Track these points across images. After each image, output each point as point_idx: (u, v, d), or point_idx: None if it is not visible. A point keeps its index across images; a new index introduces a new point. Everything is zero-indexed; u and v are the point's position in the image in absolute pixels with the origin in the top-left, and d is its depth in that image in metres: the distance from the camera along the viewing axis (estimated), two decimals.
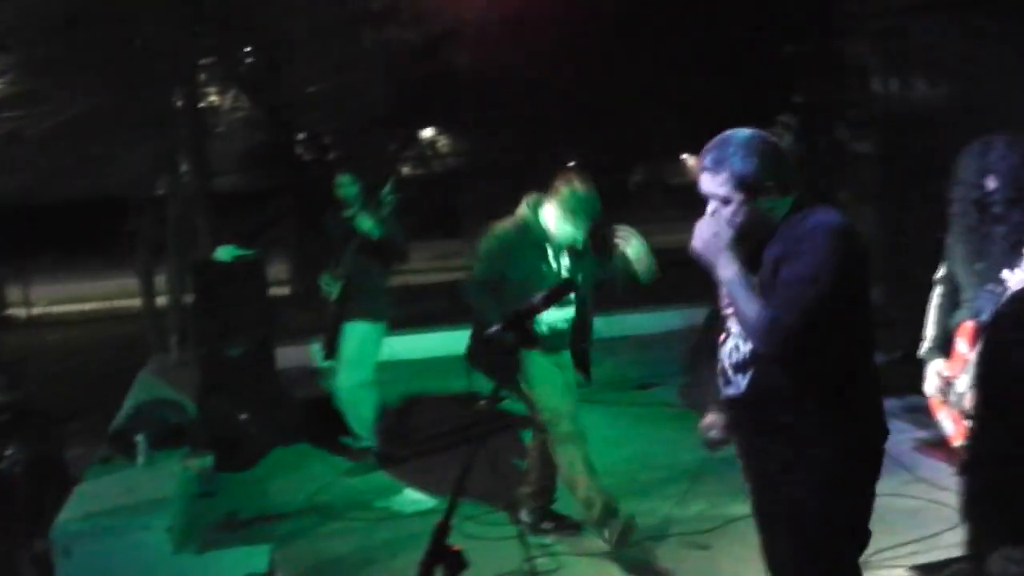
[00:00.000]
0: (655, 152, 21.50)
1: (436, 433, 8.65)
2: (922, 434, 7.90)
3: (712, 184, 3.64)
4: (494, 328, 3.69)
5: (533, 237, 6.23)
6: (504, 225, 6.31)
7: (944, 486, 6.71)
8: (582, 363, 6.57)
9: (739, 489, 4.11)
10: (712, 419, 3.99)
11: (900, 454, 7.59)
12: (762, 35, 13.95)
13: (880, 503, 6.56)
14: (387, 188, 7.77)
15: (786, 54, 14.58)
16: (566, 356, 6.45)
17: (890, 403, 8.69)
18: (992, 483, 3.05)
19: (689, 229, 3.66)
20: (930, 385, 5.77)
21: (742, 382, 3.66)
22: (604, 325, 7.08)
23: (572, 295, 6.16)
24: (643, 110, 15.71)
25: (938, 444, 7.48)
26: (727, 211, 3.59)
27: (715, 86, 13.41)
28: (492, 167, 16.02)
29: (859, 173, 13.18)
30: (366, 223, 7.69)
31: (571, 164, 16.25)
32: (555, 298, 3.78)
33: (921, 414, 8.15)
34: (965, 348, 5.51)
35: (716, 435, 4.00)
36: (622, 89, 15.22)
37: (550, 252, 6.26)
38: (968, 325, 5.48)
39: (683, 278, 7.39)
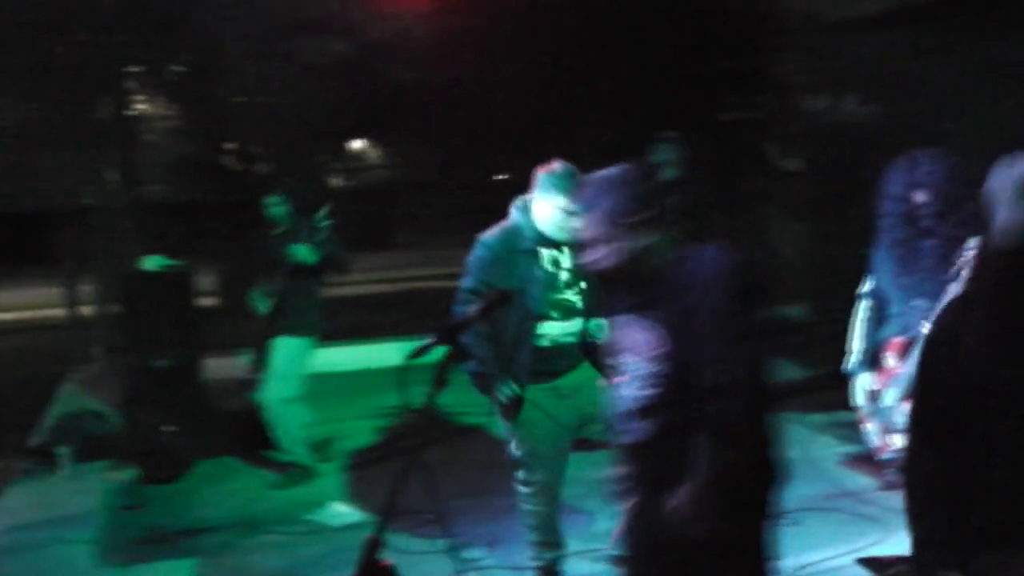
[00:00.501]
0: (585, 167, 21.57)
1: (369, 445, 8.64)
2: (848, 449, 7.97)
3: (582, 226, 3.59)
4: (427, 340, 3.67)
5: (525, 242, 5.60)
6: (492, 232, 5.67)
7: (870, 500, 6.79)
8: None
9: None
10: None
11: (826, 469, 7.66)
12: (692, 52, 14.03)
13: (806, 517, 6.68)
14: (322, 213, 7.74)
15: (715, 71, 14.69)
16: (572, 379, 5.67)
17: (817, 418, 8.87)
18: (930, 496, 3.07)
19: None
20: (857, 398, 5.83)
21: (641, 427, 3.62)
22: None
23: (578, 304, 5.58)
24: (571, 125, 15.76)
25: (864, 459, 7.55)
26: (600, 252, 3.53)
27: (643, 103, 13.46)
28: (423, 180, 16.04)
29: (787, 189, 13.30)
30: (300, 252, 7.69)
31: (502, 177, 16.33)
32: (492, 309, 3.76)
33: (847, 429, 8.25)
34: (893, 362, 5.57)
35: None
36: (551, 105, 15.26)
37: (546, 256, 5.60)
38: (896, 340, 5.54)
39: None
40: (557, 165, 5.59)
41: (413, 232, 20.68)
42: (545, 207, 5.53)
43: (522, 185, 5.75)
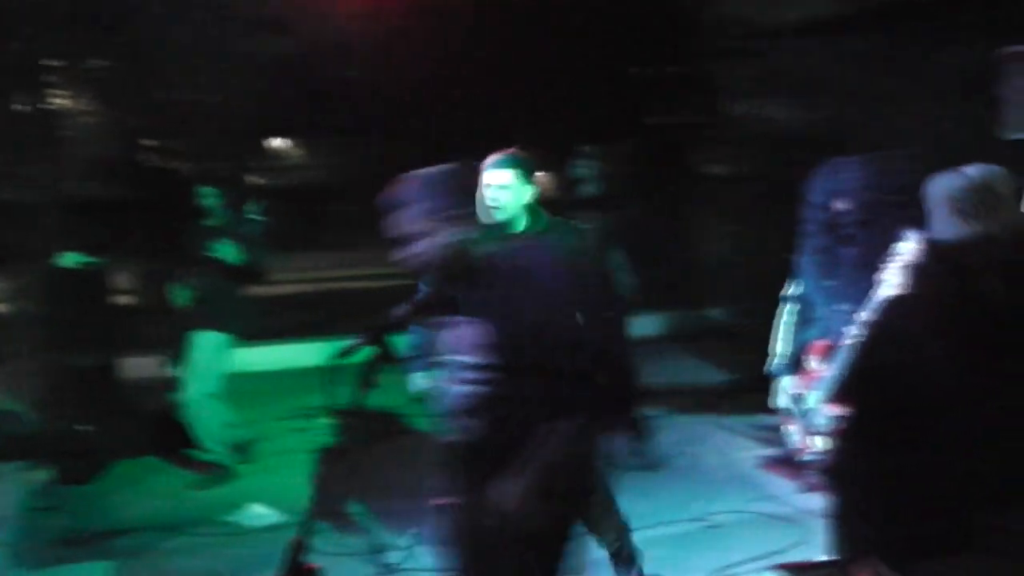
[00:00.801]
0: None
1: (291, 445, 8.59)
2: (768, 452, 8.05)
3: (402, 222, 3.64)
4: (354, 341, 3.65)
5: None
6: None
7: (789, 503, 6.85)
8: None
9: None
10: None
11: (746, 472, 7.73)
12: (623, 57, 14.11)
13: (726, 520, 6.75)
14: (255, 208, 7.70)
15: (646, 76, 14.77)
16: None
17: (737, 422, 8.95)
18: (864, 498, 3.11)
19: None
20: (779, 399, 5.88)
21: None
22: None
23: None
24: (500, 128, 15.79)
25: (783, 462, 7.64)
26: (420, 246, 3.57)
27: (571, 107, 13.51)
28: (356, 180, 15.96)
29: (714, 194, 13.40)
30: (227, 251, 7.65)
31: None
32: (425, 310, 3.74)
33: (767, 432, 8.34)
34: (815, 365, 5.63)
35: None
36: (481, 107, 15.28)
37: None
38: (819, 343, 5.60)
39: None
40: (503, 152, 5.59)
41: (339, 232, 20.59)
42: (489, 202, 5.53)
43: None
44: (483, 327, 3.46)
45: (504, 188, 4.65)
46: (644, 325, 12.55)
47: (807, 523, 6.32)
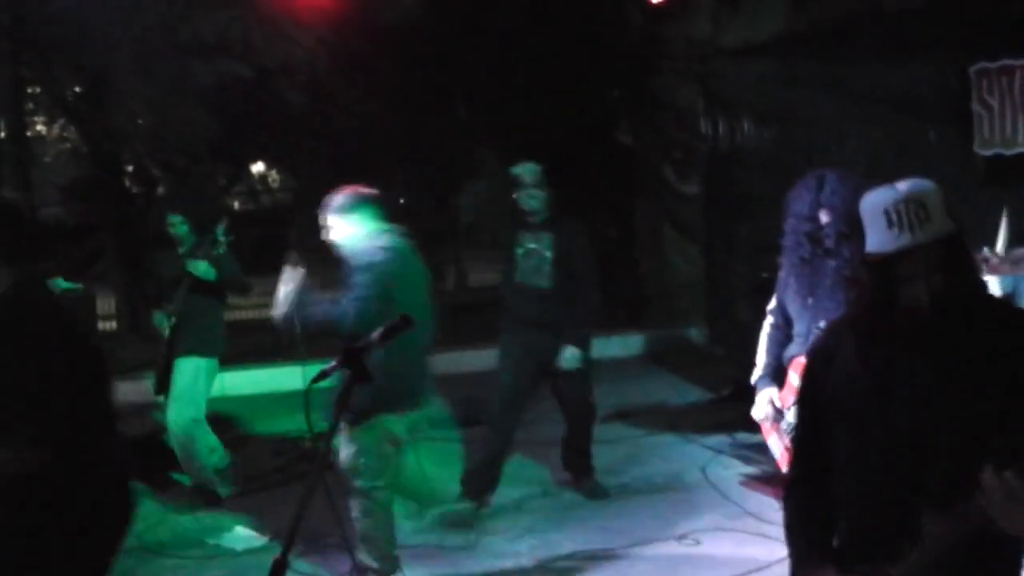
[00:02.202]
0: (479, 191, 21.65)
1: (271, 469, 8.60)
2: (748, 469, 8.11)
3: None
4: (329, 364, 3.68)
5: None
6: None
7: (770, 520, 6.88)
8: None
9: None
10: None
11: (727, 489, 7.78)
12: (588, 77, 14.19)
13: (708, 537, 6.79)
14: (220, 229, 7.71)
15: (611, 96, 14.86)
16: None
17: (717, 439, 8.99)
18: (801, 514, 3.22)
19: None
20: (760, 411, 5.92)
21: None
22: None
23: None
24: (467, 150, 15.87)
25: (764, 479, 7.70)
26: None
27: (539, 127, 13.57)
28: (318, 204, 15.91)
29: (684, 213, 13.49)
30: (200, 267, 7.66)
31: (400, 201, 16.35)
32: (392, 334, 3.78)
33: (747, 450, 8.40)
34: (797, 381, 5.68)
35: None
36: (448, 129, 15.36)
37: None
38: (799, 359, 5.65)
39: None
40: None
41: (310, 255, 20.52)
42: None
43: (416, 208, 5.96)
44: None
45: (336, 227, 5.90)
46: (618, 345, 12.63)
47: None
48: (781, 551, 6.29)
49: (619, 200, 14.67)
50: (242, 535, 7.37)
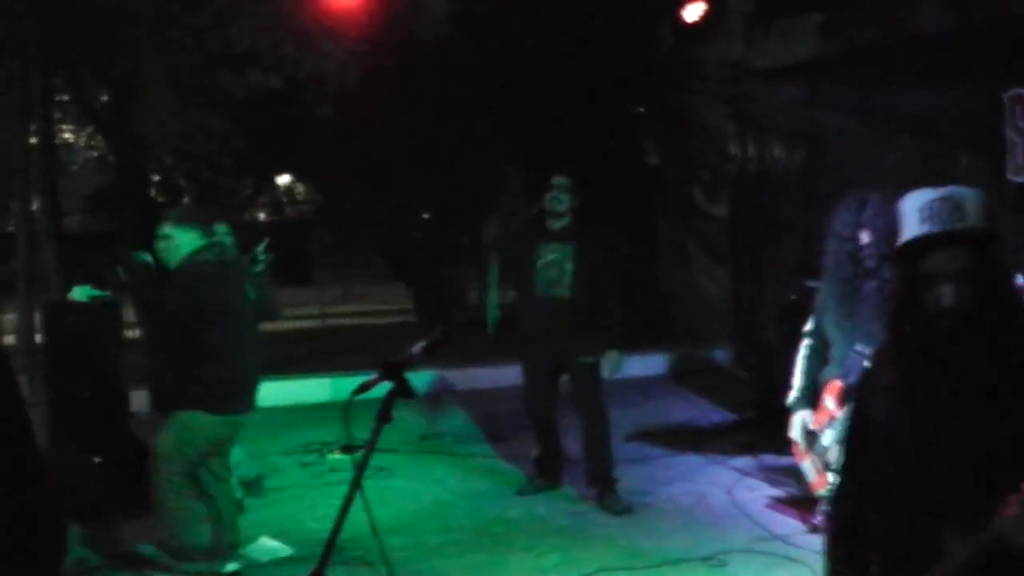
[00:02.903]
0: (504, 207, 21.66)
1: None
2: (775, 492, 8.07)
3: None
4: (371, 376, 3.69)
5: None
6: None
7: (797, 543, 6.87)
8: None
9: None
10: None
11: (753, 511, 7.75)
12: (616, 95, 14.21)
13: (735, 559, 6.77)
14: (261, 247, 7.67)
15: (639, 114, 14.88)
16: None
17: (743, 461, 8.97)
18: (839, 536, 3.18)
19: None
20: (795, 432, 5.91)
21: None
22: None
23: None
24: (493, 165, 15.88)
25: (790, 502, 7.67)
26: None
27: (566, 144, 13.57)
28: (342, 217, 16.00)
29: (711, 235, 13.48)
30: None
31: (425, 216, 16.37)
32: (434, 348, 3.79)
33: (773, 473, 8.37)
34: (831, 405, 5.67)
35: None
36: (474, 145, 15.39)
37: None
38: (836, 383, 5.63)
39: None
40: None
41: (336, 268, 20.58)
42: None
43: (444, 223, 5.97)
44: None
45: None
46: (640, 365, 12.60)
47: (815, 564, 6.33)
48: (806, 573, 6.33)
49: (643, 219, 14.68)
50: (267, 545, 7.37)
